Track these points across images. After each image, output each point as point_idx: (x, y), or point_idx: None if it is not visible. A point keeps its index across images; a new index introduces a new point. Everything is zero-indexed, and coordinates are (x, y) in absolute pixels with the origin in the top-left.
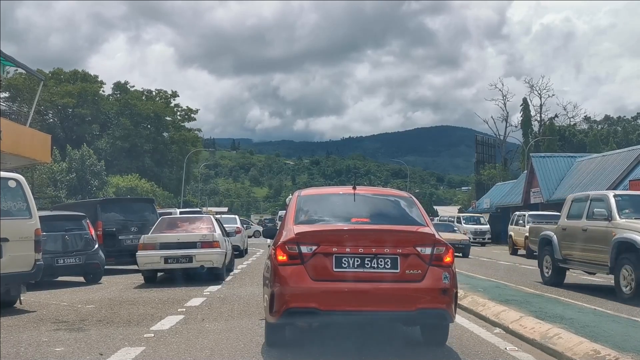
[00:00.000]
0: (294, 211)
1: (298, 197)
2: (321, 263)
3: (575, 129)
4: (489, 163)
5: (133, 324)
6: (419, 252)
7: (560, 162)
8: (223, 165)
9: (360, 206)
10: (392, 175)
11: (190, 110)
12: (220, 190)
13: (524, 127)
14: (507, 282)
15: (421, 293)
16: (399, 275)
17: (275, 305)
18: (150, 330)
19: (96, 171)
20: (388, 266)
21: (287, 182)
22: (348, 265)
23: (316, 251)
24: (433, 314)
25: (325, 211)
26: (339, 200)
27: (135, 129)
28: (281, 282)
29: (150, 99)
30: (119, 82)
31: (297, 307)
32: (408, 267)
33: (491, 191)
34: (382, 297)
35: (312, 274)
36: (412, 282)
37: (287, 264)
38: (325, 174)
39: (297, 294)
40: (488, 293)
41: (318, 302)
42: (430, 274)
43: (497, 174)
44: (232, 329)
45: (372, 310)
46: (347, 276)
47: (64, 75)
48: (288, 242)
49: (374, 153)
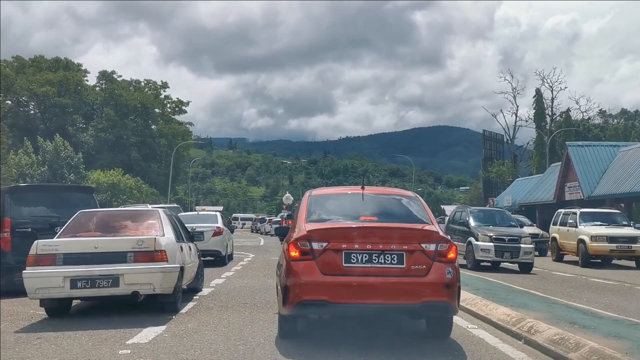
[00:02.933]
0: (306, 210)
1: (309, 197)
2: (331, 258)
3: (589, 123)
4: (497, 160)
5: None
6: (423, 249)
7: (601, 153)
8: (220, 165)
9: (369, 205)
10: (389, 174)
11: (180, 102)
12: (217, 190)
13: (537, 120)
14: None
15: (426, 287)
16: (405, 270)
17: (288, 298)
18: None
19: (73, 164)
20: (395, 262)
21: (284, 182)
22: (357, 261)
23: (326, 247)
24: (437, 307)
25: (335, 210)
26: (348, 200)
27: (121, 120)
28: (294, 276)
29: (139, 90)
30: (104, 72)
31: (309, 300)
32: (413, 263)
33: (512, 187)
34: (389, 291)
35: (322, 269)
36: (417, 276)
37: (299, 259)
38: (322, 174)
39: (308, 287)
40: None
41: (328, 295)
42: (435, 269)
43: (507, 171)
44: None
45: (379, 303)
46: (355, 271)
47: (45, 63)
48: (300, 239)
49: (372, 153)
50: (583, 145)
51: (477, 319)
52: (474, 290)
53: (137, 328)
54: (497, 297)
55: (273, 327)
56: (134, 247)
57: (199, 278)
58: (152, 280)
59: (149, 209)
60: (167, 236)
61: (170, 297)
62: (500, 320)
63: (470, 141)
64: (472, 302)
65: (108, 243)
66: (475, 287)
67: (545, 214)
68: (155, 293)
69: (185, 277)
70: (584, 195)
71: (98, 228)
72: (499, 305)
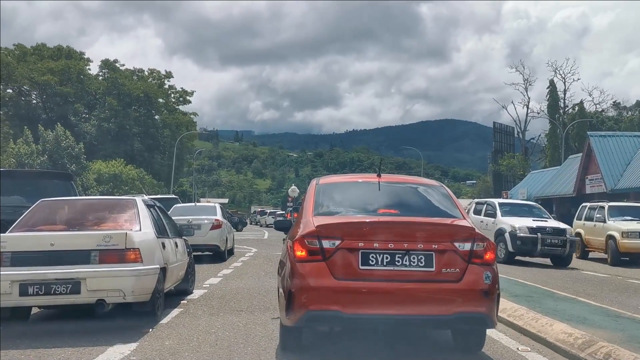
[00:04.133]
0: (313, 201)
1: (317, 186)
2: (345, 260)
3: (603, 115)
4: (508, 152)
5: None
6: (456, 248)
7: (624, 143)
8: (226, 157)
9: (387, 196)
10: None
11: (185, 92)
12: (223, 182)
13: (550, 112)
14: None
15: (459, 295)
16: (434, 274)
17: (292, 307)
18: None
19: (74, 154)
20: (422, 264)
21: (290, 174)
22: (376, 263)
23: (339, 246)
24: (473, 319)
25: (347, 201)
26: (362, 189)
27: (124, 110)
28: (300, 281)
29: (142, 79)
30: (107, 60)
31: (318, 310)
32: (445, 265)
33: (526, 180)
34: (415, 299)
35: (335, 272)
36: (449, 282)
37: (306, 260)
38: (328, 167)
39: (318, 295)
40: None
41: (342, 304)
42: (470, 273)
43: (517, 164)
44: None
45: (403, 314)
46: (374, 275)
47: (47, 52)
48: (307, 235)
49: (378, 146)
50: (605, 136)
51: (526, 336)
52: (513, 298)
53: (101, 346)
54: (544, 307)
55: (272, 346)
56: (99, 245)
57: (188, 279)
58: (122, 286)
59: (123, 198)
60: (144, 230)
61: (146, 305)
62: (559, 341)
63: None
64: (515, 314)
65: (68, 239)
66: (512, 293)
67: (563, 208)
68: (126, 302)
69: (169, 279)
70: (606, 188)
71: (62, 221)
72: (553, 320)
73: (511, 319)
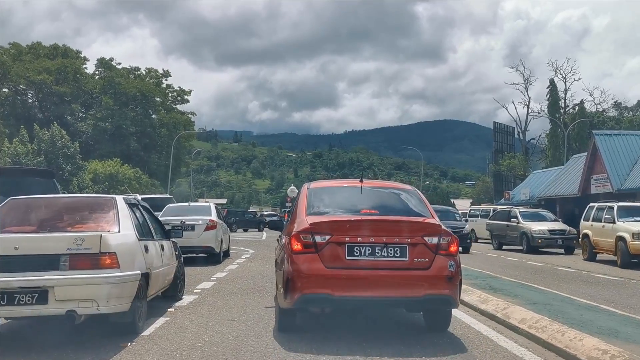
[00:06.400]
0: (306, 203)
1: (308, 190)
2: (334, 251)
3: (604, 115)
4: (509, 152)
5: None
6: (426, 242)
7: (631, 142)
8: (225, 157)
9: (368, 198)
10: (395, 168)
11: (182, 91)
12: (222, 182)
13: (551, 111)
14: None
15: (428, 280)
16: (407, 263)
17: (290, 291)
18: None
19: (69, 154)
20: (397, 255)
21: (289, 175)
22: (360, 254)
23: (329, 240)
24: (439, 300)
25: (335, 203)
26: (347, 193)
27: (120, 109)
28: (296, 270)
29: (139, 78)
30: (102, 59)
31: (312, 293)
32: (416, 256)
33: (528, 180)
34: (392, 284)
35: (325, 262)
36: (420, 269)
37: (301, 252)
38: (327, 167)
39: (311, 280)
40: None
41: (331, 288)
42: (437, 262)
43: (518, 164)
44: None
45: (382, 296)
46: (359, 264)
47: (42, 50)
48: (302, 231)
49: (377, 146)
50: (611, 135)
51: (551, 351)
52: (532, 306)
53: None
54: (567, 316)
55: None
56: (70, 249)
57: (177, 284)
58: (95, 295)
59: (101, 197)
60: (123, 232)
61: (125, 316)
62: (593, 359)
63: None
64: (537, 325)
65: (34, 242)
66: (530, 301)
67: (566, 209)
68: (100, 313)
69: (154, 286)
70: (612, 188)
71: (33, 221)
72: (582, 334)
73: (533, 331)
